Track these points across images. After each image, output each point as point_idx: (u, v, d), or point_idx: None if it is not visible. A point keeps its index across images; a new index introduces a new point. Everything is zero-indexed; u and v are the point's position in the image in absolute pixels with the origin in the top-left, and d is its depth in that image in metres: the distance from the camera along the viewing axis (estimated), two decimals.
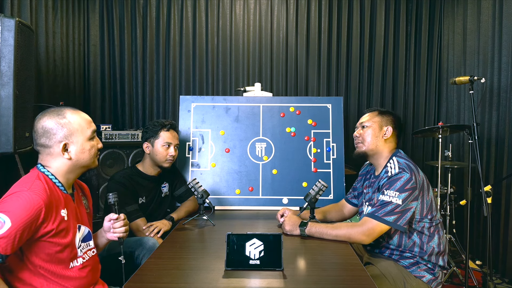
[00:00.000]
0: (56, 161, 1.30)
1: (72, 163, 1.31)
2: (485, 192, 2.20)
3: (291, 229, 1.73)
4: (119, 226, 1.44)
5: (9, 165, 2.26)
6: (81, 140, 1.32)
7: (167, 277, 1.28)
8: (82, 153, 1.32)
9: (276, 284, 1.24)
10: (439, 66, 3.81)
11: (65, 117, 1.30)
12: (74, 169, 1.33)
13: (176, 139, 2.13)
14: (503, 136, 2.89)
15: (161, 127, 2.09)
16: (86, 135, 1.34)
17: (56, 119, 1.29)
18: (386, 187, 1.63)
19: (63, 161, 1.30)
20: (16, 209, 1.12)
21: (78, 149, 1.31)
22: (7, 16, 1.87)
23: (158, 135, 2.08)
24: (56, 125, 1.28)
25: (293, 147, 2.38)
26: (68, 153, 1.30)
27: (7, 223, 1.10)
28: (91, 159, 1.36)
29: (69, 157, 1.30)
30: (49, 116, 1.29)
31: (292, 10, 3.75)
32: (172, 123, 2.15)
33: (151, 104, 3.77)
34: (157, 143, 2.07)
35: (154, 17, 3.71)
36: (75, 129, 1.31)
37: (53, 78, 3.02)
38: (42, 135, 1.28)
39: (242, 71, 3.76)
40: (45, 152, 1.30)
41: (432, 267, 1.66)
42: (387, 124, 1.79)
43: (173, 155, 2.09)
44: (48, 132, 1.28)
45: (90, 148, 1.35)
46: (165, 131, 2.09)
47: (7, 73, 1.85)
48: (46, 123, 1.28)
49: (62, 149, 1.28)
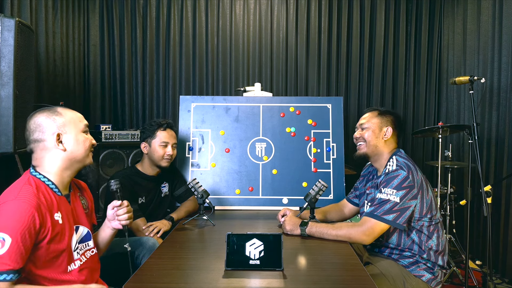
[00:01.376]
0: (51, 156, 1.28)
1: (67, 156, 1.30)
2: (485, 192, 2.20)
3: (291, 229, 1.73)
4: (122, 213, 1.43)
5: (9, 165, 2.26)
6: (75, 131, 1.32)
7: (167, 277, 1.27)
8: (77, 144, 1.32)
9: (276, 284, 1.24)
10: (439, 66, 3.81)
11: (56, 111, 1.31)
12: (69, 165, 1.32)
13: (173, 138, 2.14)
14: (503, 136, 2.89)
15: (157, 126, 2.10)
16: (79, 127, 1.34)
17: (47, 113, 1.30)
18: (384, 184, 1.63)
19: (58, 155, 1.29)
20: (10, 223, 1.11)
21: (72, 140, 1.31)
22: (7, 16, 1.87)
23: (155, 135, 2.08)
24: (48, 118, 1.29)
25: (293, 147, 2.38)
26: (62, 144, 1.29)
27: (7, 239, 1.09)
28: (86, 152, 1.35)
29: (64, 148, 1.29)
30: (40, 112, 1.30)
31: (292, 10, 3.75)
32: (169, 122, 2.15)
33: (151, 104, 3.77)
34: (154, 143, 2.07)
35: (154, 17, 3.71)
36: (67, 120, 1.31)
37: (53, 78, 3.02)
38: (34, 130, 1.28)
39: (242, 71, 3.76)
40: (39, 148, 1.28)
41: (432, 266, 1.66)
42: (387, 124, 1.79)
43: (171, 154, 2.09)
44: (40, 125, 1.28)
45: (85, 140, 1.34)
46: (162, 131, 2.09)
47: (7, 73, 1.85)
48: (37, 118, 1.29)
49: (56, 140, 1.27)
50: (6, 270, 1.08)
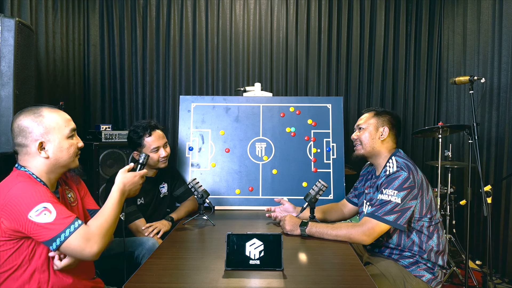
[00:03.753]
0: (34, 160, 1.28)
1: (50, 162, 1.28)
2: (485, 192, 2.20)
3: (291, 229, 1.73)
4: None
5: (9, 165, 2.25)
6: (58, 138, 1.29)
7: (167, 277, 1.27)
8: (60, 151, 1.29)
9: (276, 284, 1.23)
10: (439, 66, 3.81)
11: (41, 115, 1.27)
12: (53, 169, 1.31)
13: (162, 139, 2.08)
14: (503, 136, 2.89)
15: (142, 133, 2.02)
16: (63, 133, 1.30)
17: (31, 117, 1.26)
18: (385, 186, 1.63)
19: (41, 161, 1.28)
20: (34, 195, 1.16)
21: (55, 147, 1.28)
22: (7, 16, 1.87)
23: (143, 144, 2.03)
24: (31, 123, 1.26)
25: (293, 147, 2.38)
26: (45, 152, 1.27)
27: (47, 205, 1.15)
28: (70, 159, 1.33)
29: (47, 156, 1.27)
30: (25, 115, 1.27)
31: (292, 10, 3.75)
32: (151, 124, 2.06)
33: (151, 104, 3.76)
34: (145, 151, 2.02)
35: (154, 17, 3.71)
36: (51, 127, 1.28)
37: (53, 78, 3.02)
38: (18, 134, 1.26)
39: (242, 71, 3.75)
40: (22, 152, 1.28)
41: (432, 266, 1.66)
42: (383, 124, 1.79)
43: (165, 155, 2.07)
44: (23, 130, 1.25)
45: (69, 146, 1.31)
46: (148, 137, 2.03)
47: (7, 73, 1.85)
48: (21, 122, 1.26)
49: (38, 148, 1.26)
50: (72, 220, 1.17)
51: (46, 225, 1.13)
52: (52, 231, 1.13)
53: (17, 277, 1.21)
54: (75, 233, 1.15)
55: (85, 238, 1.16)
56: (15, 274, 1.21)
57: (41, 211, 1.13)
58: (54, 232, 1.13)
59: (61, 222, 1.15)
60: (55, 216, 1.14)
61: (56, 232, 1.14)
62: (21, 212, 1.13)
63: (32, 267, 1.21)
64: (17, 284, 1.21)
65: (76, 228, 1.15)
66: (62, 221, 1.15)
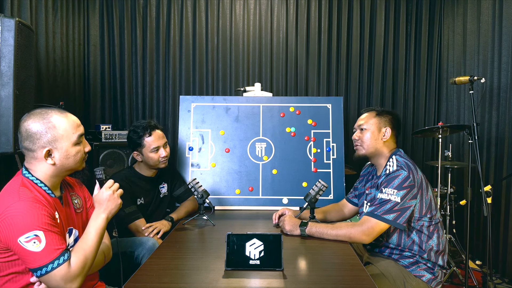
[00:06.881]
0: (40, 165, 1.26)
1: (56, 167, 1.28)
2: (485, 192, 2.20)
3: (291, 229, 1.73)
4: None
5: (9, 165, 2.26)
6: (66, 146, 1.27)
7: (167, 277, 1.28)
8: (67, 158, 1.28)
9: (276, 284, 1.24)
10: (439, 66, 3.81)
11: (50, 121, 1.25)
12: (59, 173, 1.30)
13: (162, 139, 2.07)
14: (503, 136, 2.89)
15: (142, 133, 2.02)
16: (71, 141, 1.28)
17: (40, 122, 1.24)
18: (384, 185, 1.63)
19: (47, 166, 1.27)
20: (30, 220, 1.13)
21: (62, 155, 1.27)
22: (7, 16, 1.87)
23: (143, 143, 2.02)
24: (40, 129, 1.23)
25: (293, 147, 2.38)
26: (52, 159, 1.26)
27: (39, 233, 1.13)
28: (77, 164, 1.32)
29: (53, 163, 1.26)
30: (34, 119, 1.24)
31: (292, 10, 3.75)
32: (151, 124, 2.06)
33: (151, 104, 3.76)
34: (145, 151, 2.02)
35: (154, 17, 3.71)
36: (60, 134, 1.25)
37: (53, 78, 3.02)
38: (26, 138, 1.24)
39: (242, 71, 3.75)
40: (29, 156, 1.26)
41: (432, 266, 1.66)
42: (386, 125, 1.79)
43: (165, 155, 2.06)
44: (31, 136, 1.23)
45: (76, 153, 1.30)
46: (148, 137, 2.03)
47: (7, 73, 1.85)
48: (30, 127, 1.23)
49: (45, 155, 1.24)
50: (59, 254, 1.15)
51: (33, 254, 1.12)
52: (37, 261, 1.12)
53: (18, 279, 1.21)
54: (58, 269, 1.13)
55: (65, 279, 1.14)
56: (16, 278, 1.21)
57: (31, 239, 1.12)
58: (39, 262, 1.12)
59: (47, 254, 1.13)
60: (44, 247, 1.12)
61: (41, 263, 1.12)
62: (13, 234, 1.12)
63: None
64: (18, 286, 1.21)
65: (60, 264, 1.14)
66: (48, 254, 1.13)
